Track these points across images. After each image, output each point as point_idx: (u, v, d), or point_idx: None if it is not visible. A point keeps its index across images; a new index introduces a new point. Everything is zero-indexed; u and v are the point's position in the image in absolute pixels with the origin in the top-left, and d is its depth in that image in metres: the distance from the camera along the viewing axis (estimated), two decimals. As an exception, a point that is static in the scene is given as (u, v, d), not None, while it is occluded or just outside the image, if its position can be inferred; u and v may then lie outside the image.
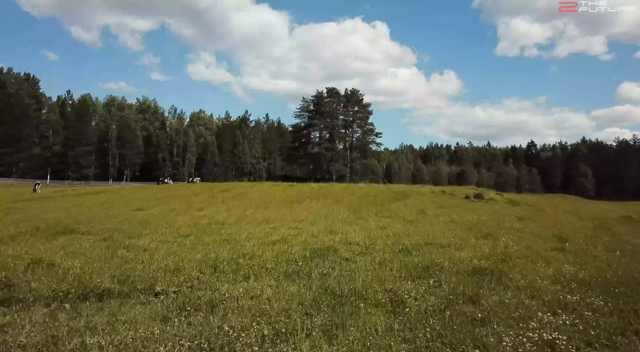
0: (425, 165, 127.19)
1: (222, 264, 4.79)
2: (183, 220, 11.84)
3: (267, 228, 9.67)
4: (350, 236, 8.02)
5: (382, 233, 8.68)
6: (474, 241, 7.57)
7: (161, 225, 10.48)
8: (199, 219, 12.34)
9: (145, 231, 8.72)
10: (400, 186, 28.46)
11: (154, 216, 13.81)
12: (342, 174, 46.21)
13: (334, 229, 9.40)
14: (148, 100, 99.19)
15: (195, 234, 8.18)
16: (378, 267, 4.80)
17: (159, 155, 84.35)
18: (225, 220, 11.53)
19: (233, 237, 7.51)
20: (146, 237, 7.66)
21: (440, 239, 7.90)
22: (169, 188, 26.19)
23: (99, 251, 6.09)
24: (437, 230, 9.95)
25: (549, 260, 5.59)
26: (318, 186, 25.00)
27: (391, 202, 19.51)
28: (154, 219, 12.58)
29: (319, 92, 47.77)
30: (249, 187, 25.06)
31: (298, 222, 11.63)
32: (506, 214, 15.95)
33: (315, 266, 4.98)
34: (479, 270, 4.86)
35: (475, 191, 26.55)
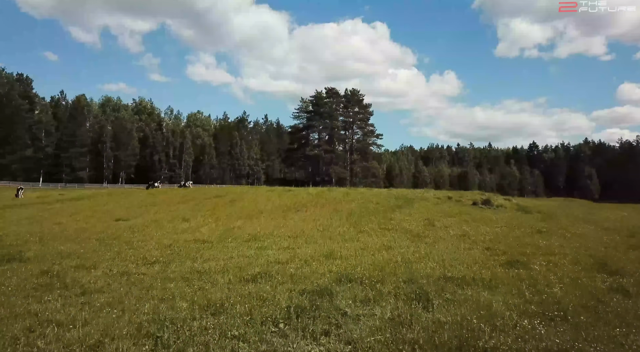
0: (426, 167, 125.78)
1: (167, 330, 3.41)
2: (160, 236, 10.47)
3: (253, 249, 8.29)
4: (352, 264, 6.64)
5: (389, 258, 7.30)
6: (501, 272, 6.19)
7: (133, 243, 9.11)
8: (179, 234, 10.98)
9: (107, 254, 7.34)
10: (402, 191, 27.10)
11: (131, 228, 12.47)
12: (342, 177, 44.86)
13: (332, 251, 8.02)
14: (144, 101, 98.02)
15: (164, 260, 6.80)
16: (390, 335, 3.39)
17: (154, 157, 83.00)
18: (208, 236, 10.15)
19: (206, 268, 6.14)
20: (101, 266, 6.29)
21: (459, 268, 6.54)
22: (159, 193, 24.83)
23: (18, 299, 4.63)
24: (451, 251, 8.57)
25: (620, 313, 4.20)
26: (316, 192, 23.62)
27: (394, 210, 18.13)
28: (129, 233, 11.23)
29: (318, 92, 46.54)
30: (242, 193, 23.69)
31: (292, 238, 10.26)
32: (521, 225, 14.59)
33: (302, 329, 3.61)
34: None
35: (482, 196, 25.16)
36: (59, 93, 77.99)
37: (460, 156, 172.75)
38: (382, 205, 19.82)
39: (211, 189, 26.76)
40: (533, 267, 6.36)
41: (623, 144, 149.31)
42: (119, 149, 78.04)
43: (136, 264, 6.42)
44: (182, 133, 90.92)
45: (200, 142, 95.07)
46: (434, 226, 14.10)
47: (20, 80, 74.04)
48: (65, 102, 76.89)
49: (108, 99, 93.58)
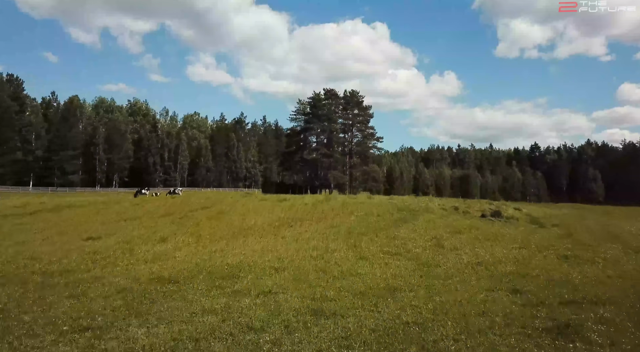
0: (427, 169, 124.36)
1: None
2: (122, 269, 8.89)
3: (225, 295, 6.72)
4: (346, 327, 5.08)
5: (397, 312, 5.73)
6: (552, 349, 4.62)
7: (81, 283, 7.54)
8: (147, 264, 9.42)
9: (25, 316, 5.72)
10: (405, 200, 25.56)
11: (96, 254, 10.93)
12: (341, 182, 43.28)
13: (324, 298, 6.45)
14: (139, 102, 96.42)
15: (99, 325, 5.20)
16: None
17: (149, 160, 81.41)
18: (177, 271, 8.56)
19: (149, 341, 4.56)
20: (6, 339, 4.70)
21: (480, 322, 5.04)
22: (144, 203, 23.25)
23: None
24: (470, 294, 7.01)
25: None
26: (312, 202, 22.06)
27: (398, 225, 16.58)
28: (89, 262, 9.68)
29: (316, 93, 45.01)
30: (233, 203, 22.11)
31: (278, 272, 8.70)
32: (541, 246, 13.04)
33: None
34: None
35: (490, 206, 23.63)
36: (50, 94, 76.32)
37: (461, 157, 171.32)
38: (383, 218, 18.27)
39: (201, 198, 25.19)
40: (591, 338, 4.78)
41: (626, 145, 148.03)
42: (112, 152, 76.44)
43: (54, 335, 4.81)
44: (177, 135, 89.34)
45: (196, 144, 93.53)
46: (443, 247, 12.55)
47: (10, 81, 72.43)
48: (56, 104, 75.23)
49: (102, 100, 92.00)
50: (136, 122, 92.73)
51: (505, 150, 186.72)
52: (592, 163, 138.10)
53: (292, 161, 45.24)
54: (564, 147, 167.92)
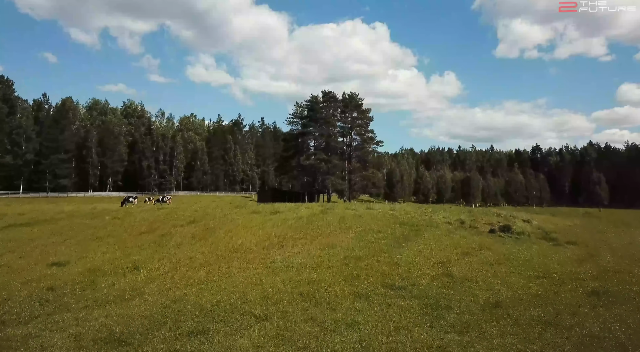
0: (428, 171, 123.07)
1: None
2: (69, 319, 7.44)
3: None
4: None
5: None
6: None
7: (6, 338, 6.12)
8: (98, 313, 7.97)
9: None
10: (407, 211, 24.14)
11: (50, 291, 9.48)
12: (339, 188, 41.84)
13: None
14: (133, 103, 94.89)
15: None
16: None
17: (143, 163, 79.91)
18: (136, 322, 7.11)
19: None
20: None
21: None
22: (127, 216, 21.78)
23: None
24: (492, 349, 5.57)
25: None
26: (308, 215, 20.61)
27: (400, 245, 15.15)
28: (36, 307, 8.25)
29: (313, 96, 43.52)
30: (223, 217, 20.64)
31: (259, 320, 7.28)
32: (562, 274, 11.66)
33: None
34: None
35: (498, 218, 22.21)
36: (42, 96, 74.77)
37: (462, 159, 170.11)
38: (384, 235, 16.83)
39: (190, 209, 23.76)
40: None
41: (629, 146, 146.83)
42: (105, 155, 74.94)
43: None
44: (173, 138, 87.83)
45: (192, 147, 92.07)
46: (452, 276, 11.12)
47: (1, 82, 70.95)
48: (48, 106, 73.77)
49: (95, 102, 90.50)
50: (131, 124, 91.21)
51: (506, 152, 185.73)
52: (595, 165, 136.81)
53: (289, 166, 43.80)
54: (566, 148, 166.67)
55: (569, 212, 41.13)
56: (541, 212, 58.31)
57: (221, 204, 24.89)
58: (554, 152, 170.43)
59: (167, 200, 31.15)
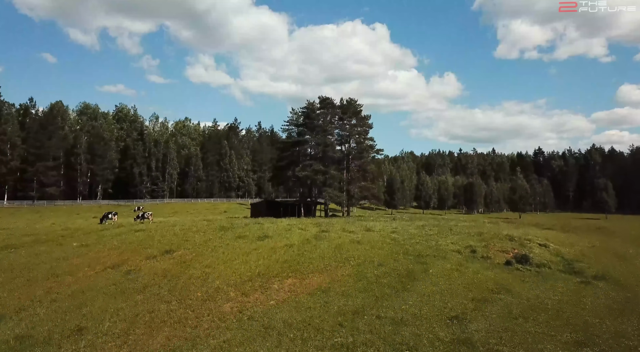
0: (429, 176, 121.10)
1: None
2: None
3: None
4: None
5: None
6: None
7: None
8: None
9: None
10: (411, 234, 22.08)
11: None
12: (337, 201, 39.72)
13: None
14: (126, 107, 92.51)
15: None
16: None
17: (135, 170, 77.72)
18: None
19: None
20: None
21: None
22: (97, 241, 19.65)
23: None
24: None
25: None
26: (299, 242, 18.51)
27: (405, 287, 13.08)
28: None
29: (309, 102, 41.50)
30: (204, 244, 18.49)
31: None
32: (605, 334, 9.54)
33: None
34: None
35: (513, 244, 20.10)
36: (28, 100, 72.57)
37: (464, 163, 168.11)
38: (387, 271, 14.73)
39: (169, 232, 21.57)
40: None
41: (634, 150, 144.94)
42: (94, 162, 72.70)
43: None
44: (166, 143, 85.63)
45: (186, 153, 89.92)
46: (472, 344, 9.00)
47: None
48: (35, 111, 71.58)
49: (86, 106, 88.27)
50: (122, 129, 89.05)
51: (508, 155, 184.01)
52: (600, 169, 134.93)
53: (284, 177, 41.69)
54: (569, 152, 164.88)
55: (580, 225, 39.08)
56: (548, 221, 55.83)
57: (204, 227, 22.69)
58: (557, 156, 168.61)
59: (148, 216, 29.01)
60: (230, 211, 73.00)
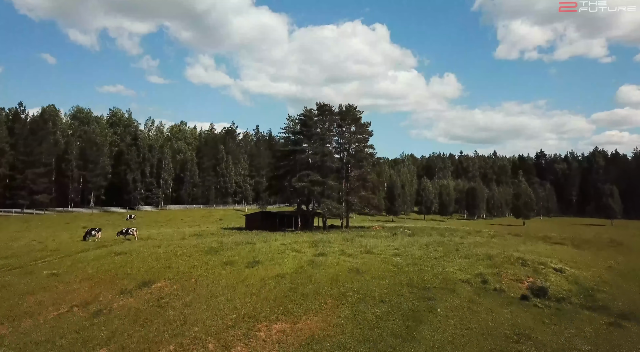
0: (430, 180, 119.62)
1: None
2: None
3: None
4: None
5: None
6: None
7: None
8: None
9: None
10: (415, 257, 20.53)
11: None
12: (336, 213, 38.11)
13: None
14: (120, 111, 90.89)
15: None
16: None
17: (128, 176, 76.00)
18: None
19: None
20: None
21: None
22: (70, 268, 18.04)
23: None
24: None
25: None
26: (292, 271, 16.93)
27: (410, 335, 11.47)
28: None
29: (307, 109, 39.90)
30: (187, 273, 16.86)
31: None
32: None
33: None
34: None
35: (527, 271, 18.49)
36: (18, 105, 70.91)
37: (465, 166, 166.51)
38: (389, 309, 13.16)
39: (151, 257, 19.94)
40: None
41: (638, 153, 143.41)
42: (86, 168, 71.00)
43: None
44: (161, 148, 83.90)
45: (182, 158, 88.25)
46: None
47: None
48: (25, 116, 69.93)
49: (79, 110, 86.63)
50: (116, 133, 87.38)
51: (510, 158, 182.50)
52: (603, 173, 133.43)
53: (281, 186, 40.07)
54: (571, 155, 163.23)
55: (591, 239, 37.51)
56: (554, 229, 53.43)
57: (190, 250, 21.08)
58: (559, 159, 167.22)
59: (132, 232, 27.43)
60: (226, 218, 71.30)
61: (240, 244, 23.64)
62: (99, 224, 57.92)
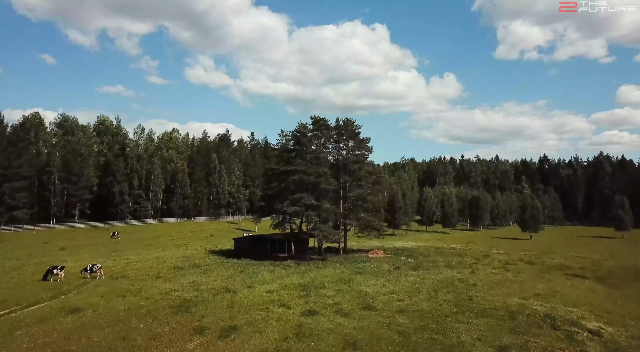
0: (431, 188, 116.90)
1: None
2: None
3: None
4: None
5: None
6: None
7: None
8: None
9: None
10: (424, 320, 17.55)
11: None
12: (332, 240, 35.14)
13: None
14: (107, 119, 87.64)
15: None
16: None
17: (114, 189, 72.75)
18: None
19: None
20: None
21: None
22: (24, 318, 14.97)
23: None
24: None
25: None
26: (275, 347, 13.84)
27: None
28: None
29: (301, 125, 36.91)
30: (155, 342, 13.80)
31: None
32: None
33: None
34: None
35: (558, 336, 15.55)
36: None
37: (467, 171, 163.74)
38: None
39: (111, 312, 16.94)
40: None
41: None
42: (69, 181, 67.72)
43: None
44: (150, 158, 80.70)
45: (173, 167, 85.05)
46: None
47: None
48: (3, 126, 66.74)
49: (65, 118, 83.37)
50: (103, 143, 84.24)
51: (512, 162, 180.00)
52: (610, 180, 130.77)
53: (272, 208, 37.05)
54: (576, 160, 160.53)
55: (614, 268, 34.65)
56: (564, 245, 50.36)
57: (159, 305, 18.02)
58: (564, 164, 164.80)
59: (97, 270, 24.58)
60: (217, 234, 68.27)
61: (219, 292, 20.57)
62: (80, 244, 54.62)
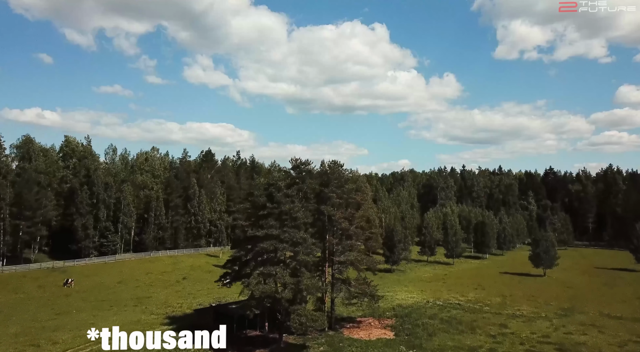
0: (432, 209, 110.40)
1: None
2: None
3: None
4: None
5: None
6: None
7: None
8: None
9: None
10: None
11: None
12: (312, 328, 28.26)
13: None
14: (74, 140, 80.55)
15: None
16: None
17: (76, 222, 65.62)
18: None
19: None
20: None
21: None
22: None
23: None
24: None
25: None
26: None
27: None
28: None
29: (275, 176, 30.41)
30: None
31: None
32: None
33: None
34: None
35: None
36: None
37: (469, 185, 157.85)
38: None
39: None
40: None
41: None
42: (22, 216, 60.58)
43: None
44: (119, 186, 73.77)
45: (146, 195, 78.11)
46: None
47: None
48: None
49: (28, 140, 76.25)
50: (68, 168, 77.08)
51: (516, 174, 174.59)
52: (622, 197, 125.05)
53: (240, 274, 30.26)
54: (584, 174, 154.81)
55: None
56: (584, 279, 41.01)
57: None
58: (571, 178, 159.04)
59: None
60: (191, 277, 61.24)
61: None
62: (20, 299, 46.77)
